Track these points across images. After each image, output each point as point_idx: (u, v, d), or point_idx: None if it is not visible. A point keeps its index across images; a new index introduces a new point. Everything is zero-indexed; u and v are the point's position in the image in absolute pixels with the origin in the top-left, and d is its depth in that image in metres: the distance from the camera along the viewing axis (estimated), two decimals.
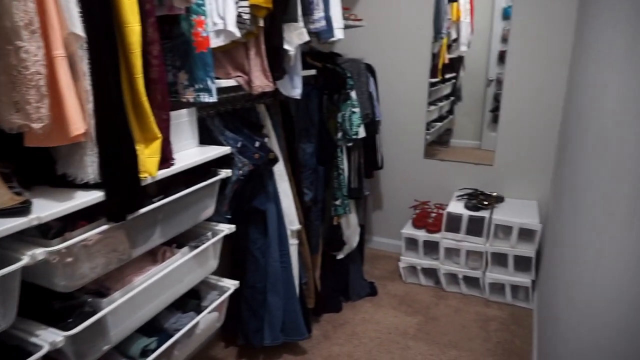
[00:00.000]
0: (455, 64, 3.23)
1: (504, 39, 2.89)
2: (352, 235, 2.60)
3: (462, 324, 2.45)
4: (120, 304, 1.20)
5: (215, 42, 1.47)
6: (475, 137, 3.29)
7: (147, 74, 1.21)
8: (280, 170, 2.02)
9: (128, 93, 1.16)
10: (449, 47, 3.12)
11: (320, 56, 2.38)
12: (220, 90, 1.66)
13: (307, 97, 2.18)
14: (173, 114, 1.43)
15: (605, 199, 1.07)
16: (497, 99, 3.07)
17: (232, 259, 2.09)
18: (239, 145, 1.67)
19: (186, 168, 1.39)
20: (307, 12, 1.69)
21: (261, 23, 1.53)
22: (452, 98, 3.35)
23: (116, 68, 1.10)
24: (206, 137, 1.64)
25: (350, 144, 2.38)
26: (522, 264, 2.58)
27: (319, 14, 1.73)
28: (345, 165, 2.42)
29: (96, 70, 1.03)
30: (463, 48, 3.13)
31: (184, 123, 1.51)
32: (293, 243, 2.12)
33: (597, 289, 1.03)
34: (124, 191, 1.16)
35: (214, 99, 1.47)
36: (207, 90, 1.46)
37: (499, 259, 2.65)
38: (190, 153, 1.52)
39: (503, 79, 2.74)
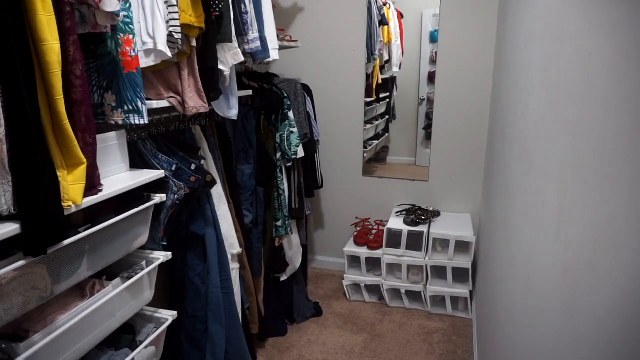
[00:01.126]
0: (389, 84, 3.36)
1: (432, 61, 3.06)
2: (294, 255, 2.57)
3: (407, 338, 2.48)
4: (41, 348, 1.08)
5: (145, 62, 1.41)
6: (411, 154, 3.42)
7: (69, 96, 1.14)
8: (218, 193, 1.96)
9: (47, 116, 1.07)
10: (382, 67, 3.24)
11: (257, 76, 2.37)
12: (153, 112, 1.60)
13: (245, 117, 2.15)
14: (100, 137, 1.35)
15: (531, 211, 1.13)
16: (429, 117, 3.21)
17: (170, 288, 1.98)
18: (173, 168, 1.60)
19: (115, 194, 1.30)
20: (242, 33, 1.68)
21: (194, 43, 1.49)
22: (387, 117, 3.47)
23: (32, 89, 1.01)
24: (138, 161, 1.56)
25: (289, 164, 2.37)
26: (460, 275, 2.67)
27: (253, 34, 1.72)
28: (285, 186, 2.40)
29: (9, 92, 0.95)
30: (395, 69, 3.27)
31: (112, 146, 1.43)
32: (234, 267, 2.05)
33: (530, 297, 1.07)
34: (44, 222, 1.06)
35: (144, 120, 1.41)
36: (137, 112, 1.39)
37: (439, 272, 2.73)
38: (120, 178, 1.43)
39: (434, 98, 2.87)
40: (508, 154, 1.70)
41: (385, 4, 3.06)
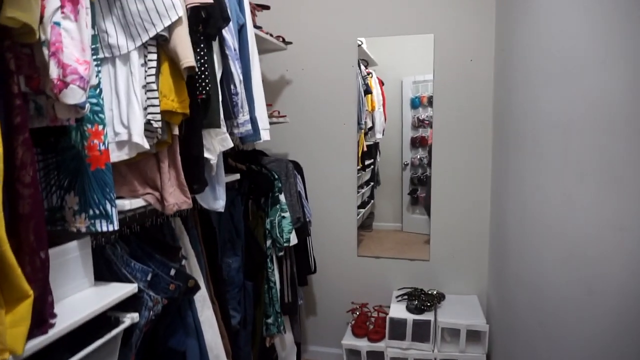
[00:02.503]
0: (372, 151, 3.23)
1: (414, 126, 2.97)
2: (288, 356, 2.24)
3: None
4: None
5: (118, 156, 1.18)
6: (396, 219, 3.22)
7: (14, 209, 0.88)
8: (202, 295, 1.66)
9: None
10: (365, 134, 3.12)
11: (244, 156, 2.17)
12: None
13: (231, 204, 1.91)
14: (56, 250, 1.09)
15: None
16: (413, 181, 3.08)
17: None
18: (149, 278, 1.32)
19: (74, 327, 1.01)
20: (231, 116, 1.48)
21: (176, 131, 1.27)
22: (371, 183, 3.31)
23: None
24: (105, 271, 1.28)
25: (281, 253, 2.10)
26: None
27: (244, 117, 1.53)
28: (276, 277, 2.12)
29: None
30: (379, 135, 3.15)
31: (72, 260, 1.15)
32: None
33: None
34: None
35: (114, 227, 1.15)
36: (105, 217, 1.13)
37: None
38: (81, 299, 1.15)
39: (430, 172, 2.71)
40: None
41: (369, 74, 3.00)
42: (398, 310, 2.50)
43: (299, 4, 2.69)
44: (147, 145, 1.18)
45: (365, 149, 3.14)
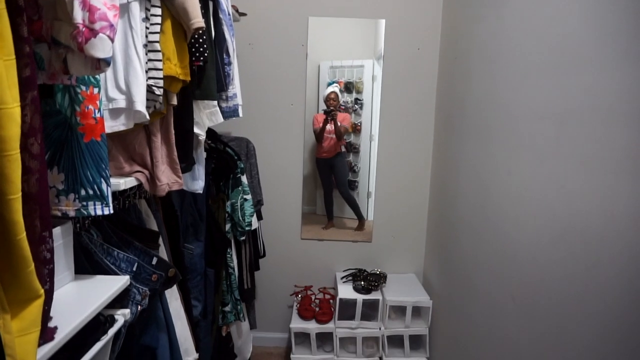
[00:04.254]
0: None
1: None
2: (244, 344, 2.14)
3: None
4: None
5: (111, 127, 1.00)
6: (310, 202, 3.23)
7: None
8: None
9: None
10: None
11: None
12: None
13: None
14: None
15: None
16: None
17: None
18: (134, 268, 1.15)
19: (78, 329, 0.84)
20: (223, 88, 1.33)
21: (174, 100, 1.11)
22: None
23: None
24: (84, 262, 1.08)
25: (243, 238, 1.99)
26: (414, 342, 2.52)
27: (233, 89, 1.39)
28: (235, 263, 2.01)
29: None
30: None
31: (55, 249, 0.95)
32: None
33: None
34: None
35: (109, 209, 0.97)
36: (100, 198, 0.96)
37: (394, 341, 2.53)
38: (66, 295, 0.96)
39: (376, 159, 2.76)
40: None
41: None
42: (346, 291, 2.53)
43: None
44: (148, 116, 1.01)
45: None
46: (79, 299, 0.95)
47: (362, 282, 2.57)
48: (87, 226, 1.16)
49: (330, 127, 2.75)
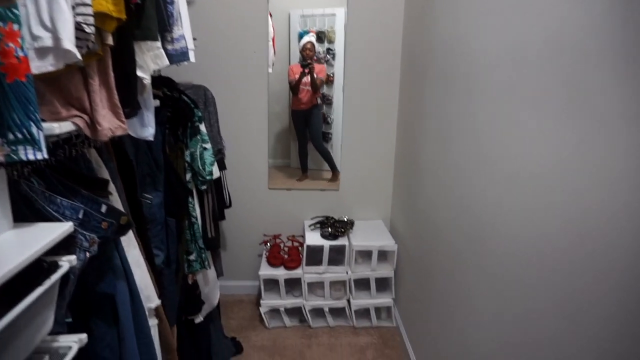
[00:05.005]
0: None
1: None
2: (211, 291, 2.18)
3: None
4: None
5: (38, 67, 0.94)
6: (285, 156, 3.24)
7: None
8: (127, 234, 1.50)
9: None
10: None
11: (155, 82, 1.91)
12: None
13: None
14: None
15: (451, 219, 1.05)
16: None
17: None
18: (80, 215, 1.14)
19: (13, 274, 0.83)
20: (166, 29, 1.27)
21: (109, 40, 1.06)
22: None
23: None
24: (24, 210, 1.06)
25: (204, 187, 1.98)
26: (381, 285, 2.61)
27: (179, 31, 1.33)
28: (197, 212, 2.00)
29: None
30: (269, 70, 3.04)
31: None
32: (153, 324, 1.61)
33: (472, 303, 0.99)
34: None
35: (43, 155, 0.94)
36: (31, 142, 0.92)
37: (360, 285, 2.62)
38: (4, 242, 0.94)
39: (343, 109, 2.74)
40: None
41: None
42: (314, 238, 2.58)
43: None
44: (79, 55, 0.96)
45: None
46: (17, 245, 0.94)
47: (330, 229, 2.62)
48: (28, 174, 1.13)
49: (306, 79, 2.69)
